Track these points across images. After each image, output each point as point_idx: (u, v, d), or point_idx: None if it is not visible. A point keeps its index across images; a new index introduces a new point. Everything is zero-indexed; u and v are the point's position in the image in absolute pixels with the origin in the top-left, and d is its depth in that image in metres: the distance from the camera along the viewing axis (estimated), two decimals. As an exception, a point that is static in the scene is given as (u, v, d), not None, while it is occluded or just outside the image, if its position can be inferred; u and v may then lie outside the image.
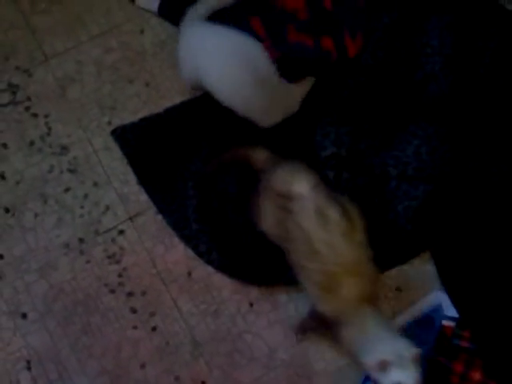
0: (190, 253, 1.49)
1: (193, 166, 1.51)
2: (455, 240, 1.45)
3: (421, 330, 1.41)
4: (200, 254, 1.47)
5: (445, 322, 1.40)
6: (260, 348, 1.44)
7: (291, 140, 1.52)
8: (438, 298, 1.44)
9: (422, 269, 1.47)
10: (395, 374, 1.10)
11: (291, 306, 1.46)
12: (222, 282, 1.48)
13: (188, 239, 1.48)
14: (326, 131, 1.50)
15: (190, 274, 1.48)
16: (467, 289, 1.42)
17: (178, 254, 1.49)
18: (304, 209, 1.19)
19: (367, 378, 1.40)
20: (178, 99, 1.60)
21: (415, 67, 1.57)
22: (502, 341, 1.33)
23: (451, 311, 1.42)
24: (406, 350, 1.12)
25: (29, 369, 1.40)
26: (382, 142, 1.52)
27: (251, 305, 1.47)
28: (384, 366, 1.10)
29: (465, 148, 1.49)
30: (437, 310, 1.42)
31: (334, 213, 1.19)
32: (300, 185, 1.22)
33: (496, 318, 1.36)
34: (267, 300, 1.47)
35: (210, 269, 1.48)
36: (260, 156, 1.38)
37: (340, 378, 1.42)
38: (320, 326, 1.32)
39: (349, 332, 1.19)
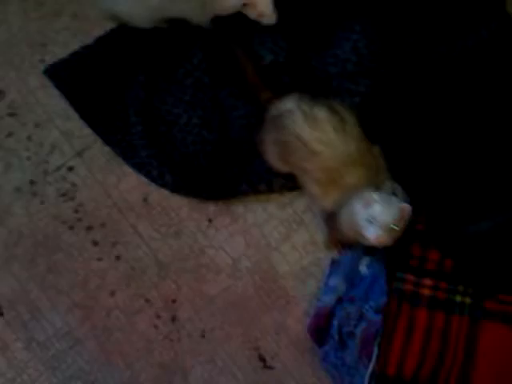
0: (143, 179, 1.45)
1: (132, 93, 1.45)
2: (401, 130, 1.43)
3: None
4: (153, 179, 1.44)
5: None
6: (224, 260, 1.43)
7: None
8: (391, 187, 1.42)
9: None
10: (373, 209, 1.11)
11: (249, 216, 1.45)
12: (179, 203, 1.45)
13: (139, 166, 1.44)
14: (262, 39, 1.44)
15: (145, 199, 1.45)
16: (417, 176, 1.41)
17: (131, 182, 1.46)
18: (294, 118, 1.22)
19: (331, 273, 1.41)
20: (108, 26, 1.51)
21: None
22: (452, 222, 1.33)
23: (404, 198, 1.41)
24: (397, 200, 1.14)
25: (1, 314, 1.39)
26: (320, 42, 1.46)
27: (210, 220, 1.45)
28: (369, 201, 1.11)
29: (401, 38, 1.44)
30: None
31: (320, 111, 1.21)
32: (286, 102, 1.25)
33: (445, 199, 1.36)
34: (225, 214, 1.45)
35: (165, 192, 1.45)
36: (264, 96, 1.36)
37: (305, 276, 1.42)
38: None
39: (349, 208, 1.18)
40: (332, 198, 1.24)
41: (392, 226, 1.10)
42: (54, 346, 1.39)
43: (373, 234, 1.10)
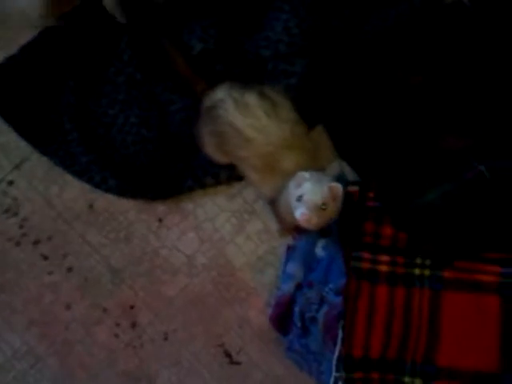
0: (87, 186, 1.39)
1: (64, 99, 1.39)
2: (342, 107, 1.38)
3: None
4: (97, 185, 1.37)
5: (349, 188, 1.35)
6: (178, 259, 1.38)
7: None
8: (339, 167, 1.39)
9: (319, 142, 1.40)
10: (302, 188, 1.07)
11: (199, 211, 1.40)
12: (126, 206, 1.39)
13: (80, 174, 1.38)
14: (191, 28, 1.37)
15: (91, 206, 1.39)
16: (364, 152, 1.36)
17: (74, 190, 1.39)
18: (226, 107, 1.18)
19: (288, 260, 1.37)
20: (32, 33, 1.44)
21: None
22: (399, 196, 1.30)
23: (353, 176, 1.37)
24: (327, 179, 1.10)
25: (-44, 340, 1.33)
26: (250, 25, 1.40)
27: (160, 220, 1.39)
28: (300, 181, 1.08)
29: (333, 12, 1.39)
30: (340, 178, 1.37)
31: (250, 97, 1.17)
32: (218, 92, 1.21)
33: (391, 174, 1.32)
34: (175, 212, 1.39)
35: (110, 196, 1.39)
36: (199, 88, 1.31)
37: (262, 266, 1.38)
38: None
39: (285, 192, 1.14)
40: (271, 184, 1.20)
41: (321, 206, 1.06)
42: (15, 368, 1.34)
43: (300, 215, 1.06)
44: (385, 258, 1.29)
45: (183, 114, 1.37)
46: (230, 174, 1.37)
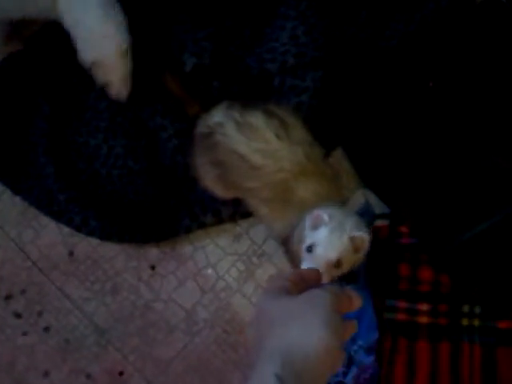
0: (66, 229, 1.17)
1: (37, 130, 1.18)
2: (365, 127, 1.16)
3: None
4: (77, 228, 1.15)
5: (378, 223, 1.12)
6: (176, 314, 1.15)
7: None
8: (363, 197, 1.16)
9: (338, 168, 1.18)
10: (317, 235, 0.85)
11: (199, 256, 1.17)
12: (112, 252, 1.17)
13: (58, 215, 1.16)
14: (182, 41, 1.17)
15: (71, 253, 1.17)
16: (393, 179, 1.13)
17: (51, 234, 1.18)
18: (225, 131, 0.96)
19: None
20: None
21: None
22: (444, 229, 1.06)
23: (381, 207, 1.14)
24: (350, 224, 0.86)
25: None
26: (252, 36, 1.19)
27: (153, 268, 1.17)
28: (317, 221, 0.85)
29: (348, 17, 1.18)
30: (366, 209, 1.14)
31: (254, 117, 0.95)
32: (214, 114, 1.00)
33: (428, 202, 1.08)
34: (170, 257, 1.17)
35: (93, 241, 1.17)
36: (192, 110, 1.11)
37: (275, 320, 1.14)
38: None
39: (300, 229, 0.91)
40: (284, 219, 0.97)
41: (335, 264, 0.84)
42: None
43: None
44: (425, 306, 1.07)
45: (176, 141, 1.15)
46: (233, 211, 1.15)
